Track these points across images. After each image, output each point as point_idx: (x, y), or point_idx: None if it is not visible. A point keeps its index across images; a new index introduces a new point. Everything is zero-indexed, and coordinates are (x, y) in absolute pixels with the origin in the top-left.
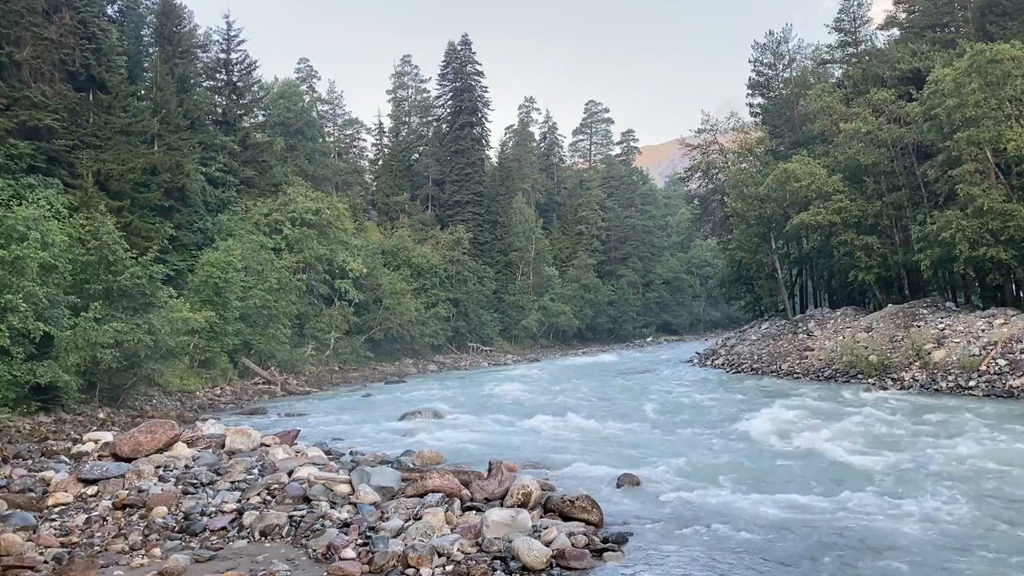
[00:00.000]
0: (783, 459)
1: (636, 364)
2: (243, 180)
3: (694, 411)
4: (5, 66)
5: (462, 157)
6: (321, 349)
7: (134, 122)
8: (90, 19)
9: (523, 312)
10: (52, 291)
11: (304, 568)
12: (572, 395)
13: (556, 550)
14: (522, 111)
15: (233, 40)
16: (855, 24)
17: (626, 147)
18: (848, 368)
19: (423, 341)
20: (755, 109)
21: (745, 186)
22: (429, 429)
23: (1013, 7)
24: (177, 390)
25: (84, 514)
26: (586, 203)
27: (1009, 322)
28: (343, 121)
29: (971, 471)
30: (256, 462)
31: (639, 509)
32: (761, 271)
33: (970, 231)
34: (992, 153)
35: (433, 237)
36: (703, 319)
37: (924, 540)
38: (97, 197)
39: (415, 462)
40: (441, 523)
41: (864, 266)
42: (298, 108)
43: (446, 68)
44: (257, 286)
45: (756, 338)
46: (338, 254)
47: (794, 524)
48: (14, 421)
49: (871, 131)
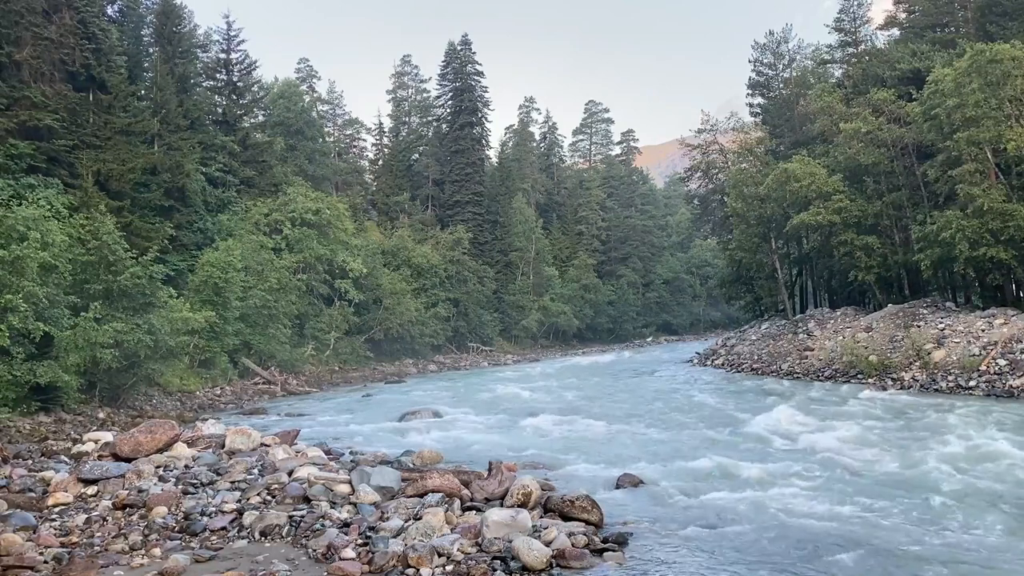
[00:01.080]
0: (783, 459)
1: (636, 364)
2: (243, 180)
3: (694, 411)
4: (5, 66)
5: (462, 157)
6: (321, 349)
7: (134, 122)
8: (90, 19)
9: (523, 312)
10: (52, 291)
11: (304, 568)
12: (572, 395)
13: (556, 550)
14: (522, 111)
15: (233, 40)
16: (855, 24)
17: (626, 147)
18: (848, 368)
19: (423, 341)
20: (755, 109)
21: (745, 186)
22: (429, 429)
23: (1013, 7)
24: (177, 390)
25: (84, 514)
26: (586, 203)
27: (1009, 322)
28: (343, 121)
29: (971, 471)
30: (256, 462)
31: (639, 509)
32: (761, 271)
33: (970, 231)
34: (992, 153)
35: (433, 237)
36: (703, 319)
37: (924, 540)
38: (97, 197)
39: (415, 462)
40: (441, 523)
41: (864, 266)
42: (298, 108)
43: (446, 68)
44: (257, 286)
45: (756, 338)
46: (338, 254)
47: (794, 524)
48: (14, 421)
49: (871, 131)
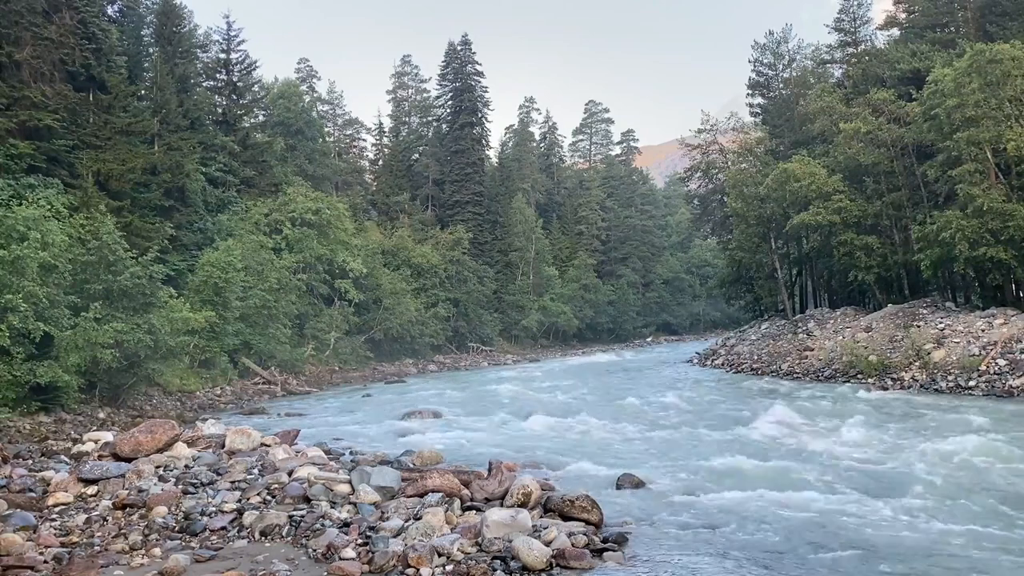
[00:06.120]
0: (783, 459)
1: (636, 364)
2: (243, 180)
3: (694, 411)
4: (5, 66)
5: (462, 157)
6: (321, 349)
7: (134, 122)
8: (90, 19)
9: (523, 312)
10: (52, 291)
11: (304, 568)
12: (572, 395)
13: (556, 550)
14: (522, 111)
15: (233, 40)
16: (855, 24)
17: (626, 147)
18: (848, 368)
19: (423, 341)
20: (755, 109)
21: (745, 186)
22: (429, 429)
23: (1013, 7)
24: (177, 390)
25: (84, 514)
26: (586, 203)
27: (1009, 322)
28: (343, 121)
29: (972, 471)
30: (256, 462)
31: (639, 509)
32: (761, 271)
33: (970, 231)
34: (992, 153)
35: (433, 237)
36: (703, 319)
37: (925, 540)
38: (97, 197)
39: (415, 462)
40: (441, 523)
41: (864, 266)
42: (298, 108)
43: (446, 68)
44: (257, 286)
45: (756, 338)
46: (338, 254)
47: (794, 524)
48: (14, 421)
49: (871, 131)
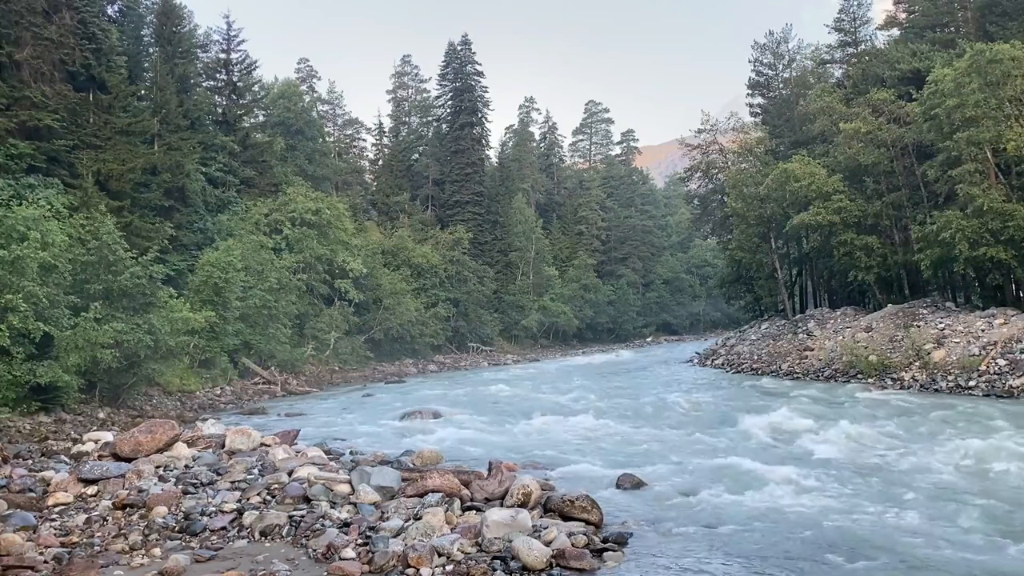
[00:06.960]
0: (783, 459)
1: (636, 364)
2: (243, 180)
3: (694, 411)
4: (5, 66)
5: (462, 157)
6: (321, 349)
7: (134, 122)
8: (90, 19)
9: (523, 312)
10: (52, 291)
11: (304, 568)
12: (572, 395)
13: (556, 550)
14: (522, 111)
15: (233, 40)
16: (855, 24)
17: (626, 147)
18: (848, 368)
19: (423, 341)
20: (755, 109)
21: (745, 186)
22: (429, 429)
23: (1013, 7)
24: (177, 390)
25: (84, 514)
26: (586, 203)
27: (1009, 322)
28: (343, 121)
29: (972, 471)
30: (256, 462)
31: (639, 509)
32: (761, 271)
33: (970, 231)
34: (992, 153)
35: (433, 237)
36: (703, 319)
37: (925, 540)
38: (97, 197)
39: (415, 462)
40: (441, 523)
41: (864, 266)
42: (298, 108)
43: (446, 68)
44: (257, 286)
45: (756, 338)
46: (338, 254)
47: (794, 524)
48: (14, 421)
49: (871, 131)
